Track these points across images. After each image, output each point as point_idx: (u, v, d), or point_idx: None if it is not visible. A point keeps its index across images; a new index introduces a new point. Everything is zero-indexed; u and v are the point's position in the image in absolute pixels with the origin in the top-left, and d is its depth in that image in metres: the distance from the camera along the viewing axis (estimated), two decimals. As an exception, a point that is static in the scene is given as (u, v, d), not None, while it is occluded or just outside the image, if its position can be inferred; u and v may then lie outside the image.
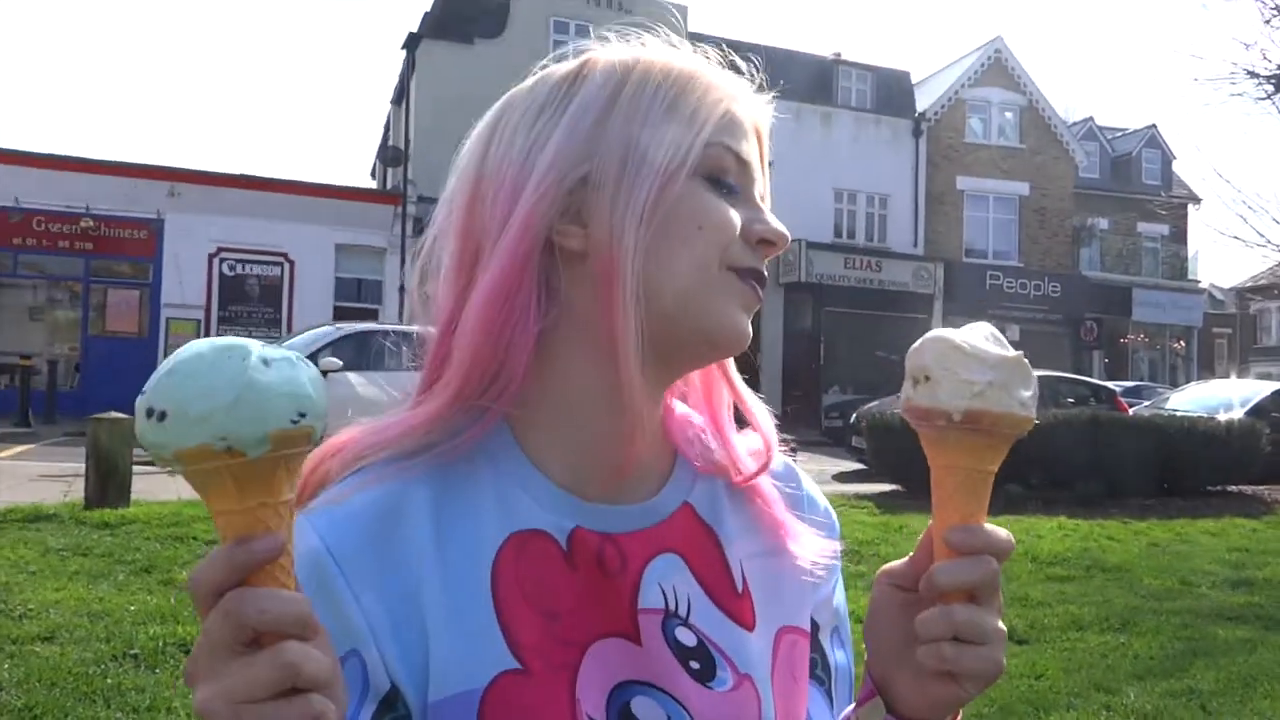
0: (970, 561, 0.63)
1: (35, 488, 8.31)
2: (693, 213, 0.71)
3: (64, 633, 4.38)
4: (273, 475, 0.52)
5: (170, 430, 0.49)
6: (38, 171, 18.32)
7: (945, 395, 0.62)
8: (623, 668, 0.70)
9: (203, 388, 0.49)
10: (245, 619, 0.49)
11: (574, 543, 0.72)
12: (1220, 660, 5.11)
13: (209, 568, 0.51)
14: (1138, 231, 30.79)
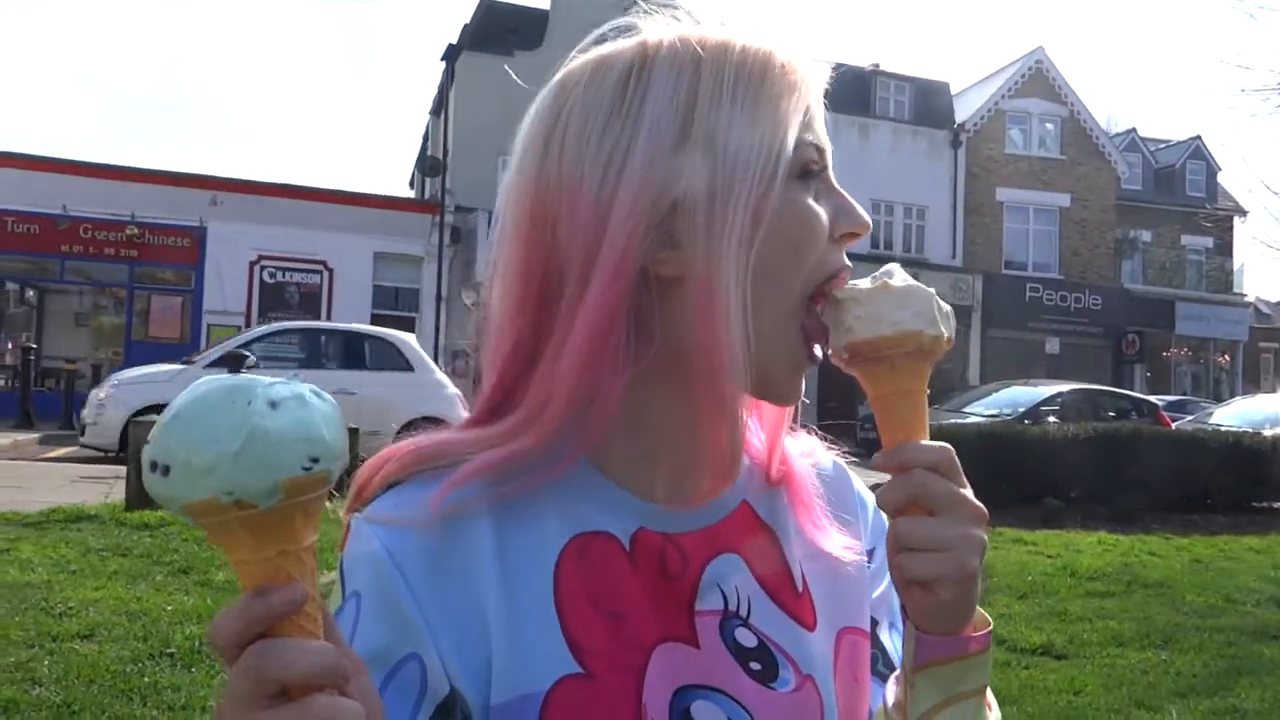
0: (898, 480, 0.64)
1: (77, 489, 8.44)
2: (796, 221, 0.68)
3: (103, 631, 4.43)
4: (290, 523, 0.49)
5: (174, 485, 0.47)
6: (84, 180, 18.69)
7: (833, 340, 0.67)
8: (682, 672, 0.69)
9: (204, 438, 0.46)
10: (268, 674, 0.47)
11: (636, 544, 0.71)
12: (1265, 679, 4.99)
13: (227, 620, 0.48)
14: (1181, 244, 30.31)
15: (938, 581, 0.63)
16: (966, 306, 25.10)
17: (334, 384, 11.36)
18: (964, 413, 14.40)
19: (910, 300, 0.66)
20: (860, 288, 0.68)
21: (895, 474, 0.65)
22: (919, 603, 0.65)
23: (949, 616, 0.66)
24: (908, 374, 0.66)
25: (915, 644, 0.67)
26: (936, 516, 0.64)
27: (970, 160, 26.53)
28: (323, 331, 12.88)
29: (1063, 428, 11.72)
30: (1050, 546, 8.44)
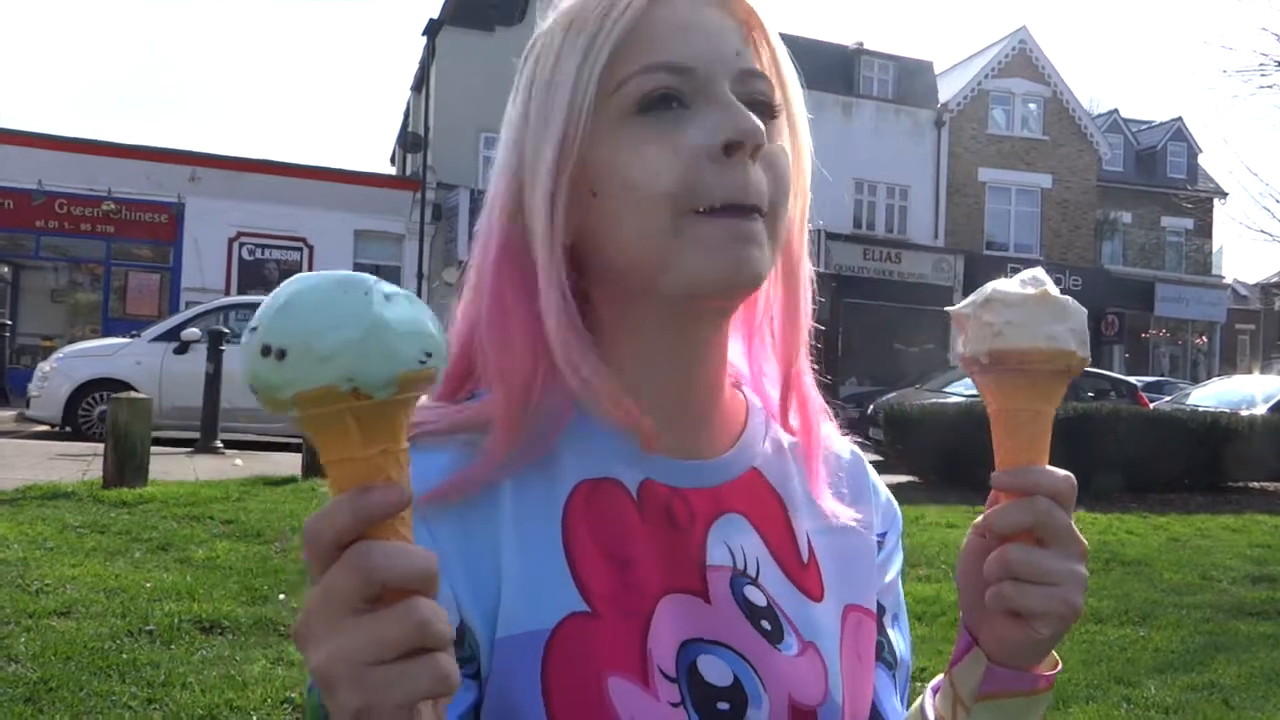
0: (1019, 504, 0.62)
1: (54, 466, 8.36)
2: (615, 170, 0.66)
3: (80, 608, 4.39)
4: (395, 420, 0.48)
5: (291, 369, 0.45)
6: (60, 154, 18.44)
7: (972, 341, 0.63)
8: (690, 625, 0.68)
9: (327, 323, 0.45)
10: (375, 574, 0.45)
11: (644, 493, 0.70)
12: (1242, 655, 5.05)
13: (331, 516, 0.47)
14: (1161, 225, 30.49)
15: (1042, 617, 0.62)
16: (948, 287, 25.17)
17: None
18: (946, 392, 14.46)
19: (1068, 315, 0.63)
20: (1012, 291, 0.63)
21: (1016, 496, 0.62)
22: (1006, 634, 0.64)
23: (1031, 652, 0.65)
24: (1046, 393, 0.64)
25: (984, 672, 0.65)
26: (1048, 548, 0.62)
27: (953, 140, 26.54)
28: None
29: (1043, 407, 11.78)
30: (1030, 525, 8.50)
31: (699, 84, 0.67)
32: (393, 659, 0.46)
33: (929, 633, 5.21)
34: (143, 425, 7.51)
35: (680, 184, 0.65)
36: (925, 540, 7.47)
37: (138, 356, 11.00)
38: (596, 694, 0.64)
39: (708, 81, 0.67)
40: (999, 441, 0.64)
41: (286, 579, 5.08)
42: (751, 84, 0.69)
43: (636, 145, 0.66)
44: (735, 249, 0.65)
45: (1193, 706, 4.23)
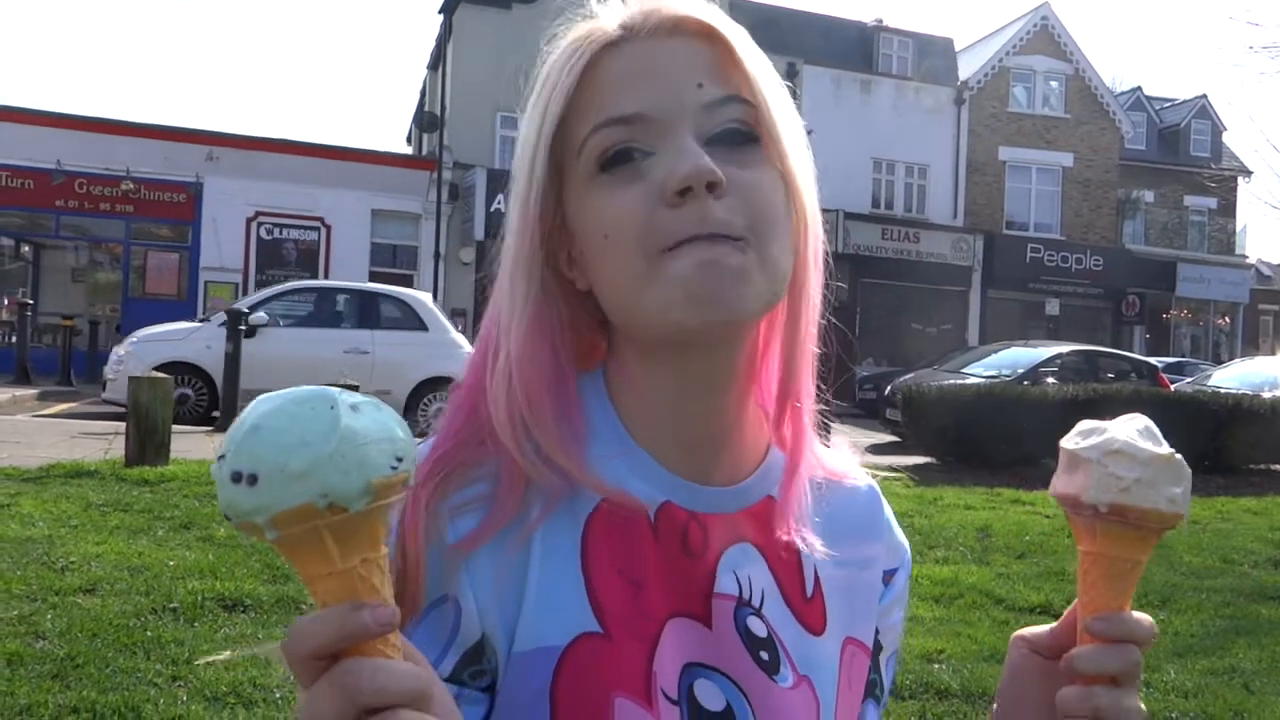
0: (1112, 650, 0.66)
1: (76, 444, 8.44)
2: (592, 226, 0.69)
3: (105, 585, 4.44)
4: (373, 528, 0.48)
5: (264, 494, 0.45)
6: (79, 134, 18.52)
7: (1094, 489, 0.65)
8: (692, 649, 0.70)
9: (297, 440, 0.45)
10: (361, 697, 0.46)
11: (661, 516, 0.71)
12: (1263, 639, 5.02)
13: (316, 630, 0.46)
14: (1184, 204, 30.15)
15: None
16: (967, 267, 25.02)
17: (348, 343, 11.49)
18: (963, 374, 14.40)
19: (1182, 478, 0.66)
20: (1141, 447, 0.65)
21: (1109, 643, 0.66)
22: None
23: None
24: (1147, 547, 0.67)
25: None
26: (1122, 688, 0.66)
27: (973, 118, 26.29)
28: (337, 290, 12.86)
29: (1062, 389, 11.72)
30: (1048, 506, 8.47)
31: (656, 128, 0.67)
32: None
33: (946, 614, 5.21)
34: (164, 405, 7.57)
35: (644, 228, 0.66)
36: (943, 522, 7.46)
37: (207, 340, 11.30)
38: (603, 713, 0.65)
39: (664, 125, 0.67)
40: (1093, 583, 0.67)
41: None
42: (719, 114, 0.68)
43: (603, 201, 0.68)
44: (706, 280, 0.65)
45: (1212, 691, 4.22)
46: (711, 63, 0.69)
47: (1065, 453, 0.68)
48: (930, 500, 8.36)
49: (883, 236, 23.94)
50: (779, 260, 0.69)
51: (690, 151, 0.65)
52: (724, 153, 0.67)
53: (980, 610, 5.32)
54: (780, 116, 0.70)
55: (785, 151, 0.70)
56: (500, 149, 21.65)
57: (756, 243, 0.67)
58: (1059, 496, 0.68)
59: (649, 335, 0.70)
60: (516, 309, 0.70)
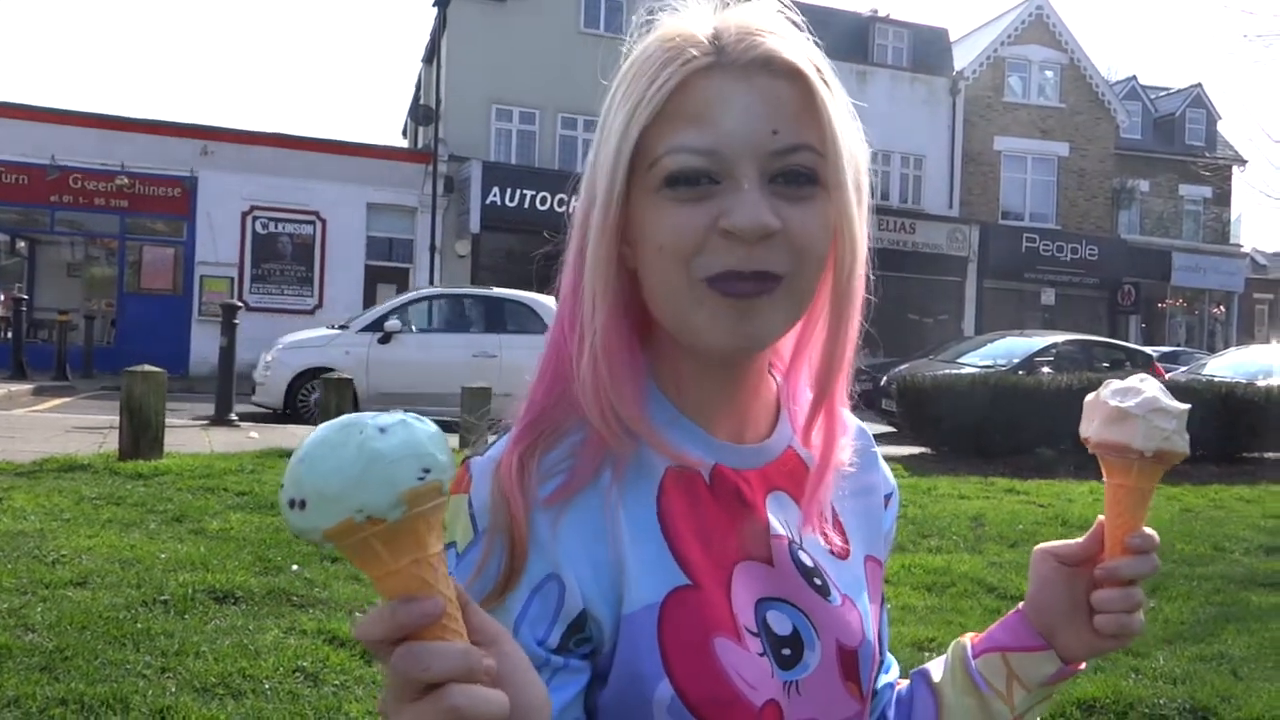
0: (1146, 560, 0.84)
1: (70, 439, 8.44)
2: (649, 235, 0.76)
3: (96, 578, 4.45)
4: (416, 532, 0.54)
5: (312, 515, 0.53)
6: (74, 129, 18.49)
7: (1143, 437, 0.81)
8: (761, 586, 0.80)
9: (329, 470, 0.53)
10: (410, 676, 0.53)
11: (715, 477, 0.81)
12: (1252, 626, 5.04)
13: (372, 625, 0.54)
14: (1179, 194, 30.14)
15: (1131, 637, 0.86)
16: (962, 257, 25.01)
17: (476, 347, 11.89)
18: (959, 363, 14.41)
19: (1184, 423, 0.83)
20: (1172, 404, 0.82)
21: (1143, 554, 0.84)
22: (1093, 644, 0.87)
23: (1099, 655, 0.89)
24: (1159, 478, 0.85)
25: (1058, 670, 0.88)
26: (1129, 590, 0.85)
27: (969, 109, 26.25)
28: (466, 297, 13.37)
29: (1057, 378, 11.72)
30: (1042, 496, 8.49)
31: (725, 164, 0.73)
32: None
33: (939, 603, 5.23)
34: (157, 398, 7.57)
35: (693, 251, 0.74)
36: (938, 511, 7.47)
37: (346, 346, 11.79)
38: (707, 653, 0.75)
39: (733, 164, 0.73)
40: (1127, 509, 0.84)
41: (300, 550, 5.13)
42: (787, 159, 0.75)
43: (662, 215, 0.75)
44: (738, 324, 0.75)
45: (1201, 677, 4.23)
46: (791, 107, 0.75)
47: (1110, 408, 0.82)
48: (925, 490, 8.37)
49: (879, 227, 23.47)
50: (809, 290, 0.79)
51: (752, 203, 0.73)
52: (784, 189, 0.75)
53: (972, 599, 5.33)
54: (846, 161, 0.77)
55: (845, 195, 0.77)
56: (496, 141, 21.62)
57: (792, 279, 0.75)
58: (1106, 443, 0.82)
59: (689, 343, 0.78)
60: (599, 301, 0.77)
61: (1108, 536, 0.85)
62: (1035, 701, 0.89)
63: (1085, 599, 0.86)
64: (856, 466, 0.92)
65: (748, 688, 0.76)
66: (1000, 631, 0.91)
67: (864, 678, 0.84)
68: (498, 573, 0.72)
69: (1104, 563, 0.84)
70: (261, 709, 3.24)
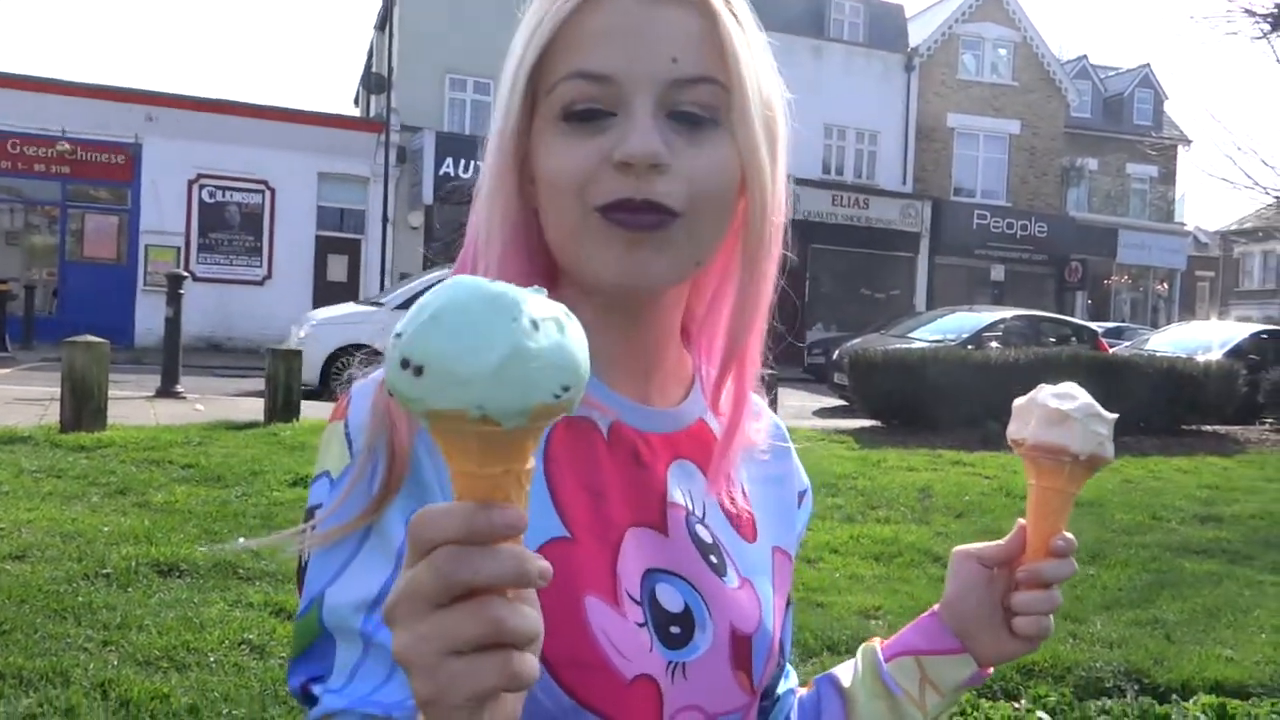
0: (1068, 563, 0.84)
1: (10, 411, 8.25)
2: (543, 168, 0.73)
3: (35, 551, 4.36)
4: (522, 445, 0.48)
5: (426, 388, 0.45)
6: (11, 93, 17.91)
7: (1079, 440, 0.81)
8: (652, 556, 0.75)
9: (467, 347, 0.45)
10: (457, 578, 0.47)
11: (613, 433, 0.77)
12: (1186, 592, 5.20)
13: (444, 520, 0.47)
14: (1127, 172, 30.65)
15: (1044, 639, 0.85)
16: (915, 233, 25.23)
17: None
18: (909, 338, 14.58)
19: (1112, 431, 0.83)
20: (1106, 413, 0.82)
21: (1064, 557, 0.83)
22: (1008, 649, 0.86)
23: (1013, 659, 0.88)
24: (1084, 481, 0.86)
25: (973, 673, 0.87)
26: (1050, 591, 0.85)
27: (923, 85, 26.39)
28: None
29: (1004, 353, 11.92)
30: (988, 468, 8.65)
31: (621, 93, 0.70)
32: (467, 651, 0.47)
33: (886, 571, 5.32)
34: (100, 369, 7.41)
35: (584, 182, 0.70)
36: (886, 483, 7.58)
37: (383, 324, 11.59)
38: (575, 610, 0.69)
39: (627, 93, 0.70)
40: (1052, 511, 0.84)
41: (246, 523, 5.08)
42: (686, 92, 0.70)
43: (556, 147, 0.72)
44: (627, 254, 0.71)
45: (1136, 640, 4.36)
46: (693, 36, 0.71)
47: (1050, 409, 0.82)
48: (874, 462, 8.48)
49: (833, 203, 24.01)
50: (710, 235, 0.74)
51: (643, 130, 0.69)
52: (683, 130, 0.71)
53: (919, 568, 5.43)
54: (752, 99, 0.72)
55: (751, 135, 0.72)
56: (449, 111, 21.34)
57: (689, 220, 0.71)
58: (1043, 445, 0.82)
59: (582, 279, 0.74)
60: (494, 229, 0.74)
61: (1031, 539, 0.84)
62: (946, 705, 0.87)
63: (1002, 602, 0.85)
64: (769, 456, 0.88)
65: (618, 655, 0.70)
66: (913, 635, 0.88)
67: (756, 668, 0.79)
68: (372, 487, 0.66)
69: (1026, 565, 0.84)
70: (206, 681, 3.22)
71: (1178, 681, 3.93)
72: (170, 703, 3.03)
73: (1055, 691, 3.69)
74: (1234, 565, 5.83)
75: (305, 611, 0.67)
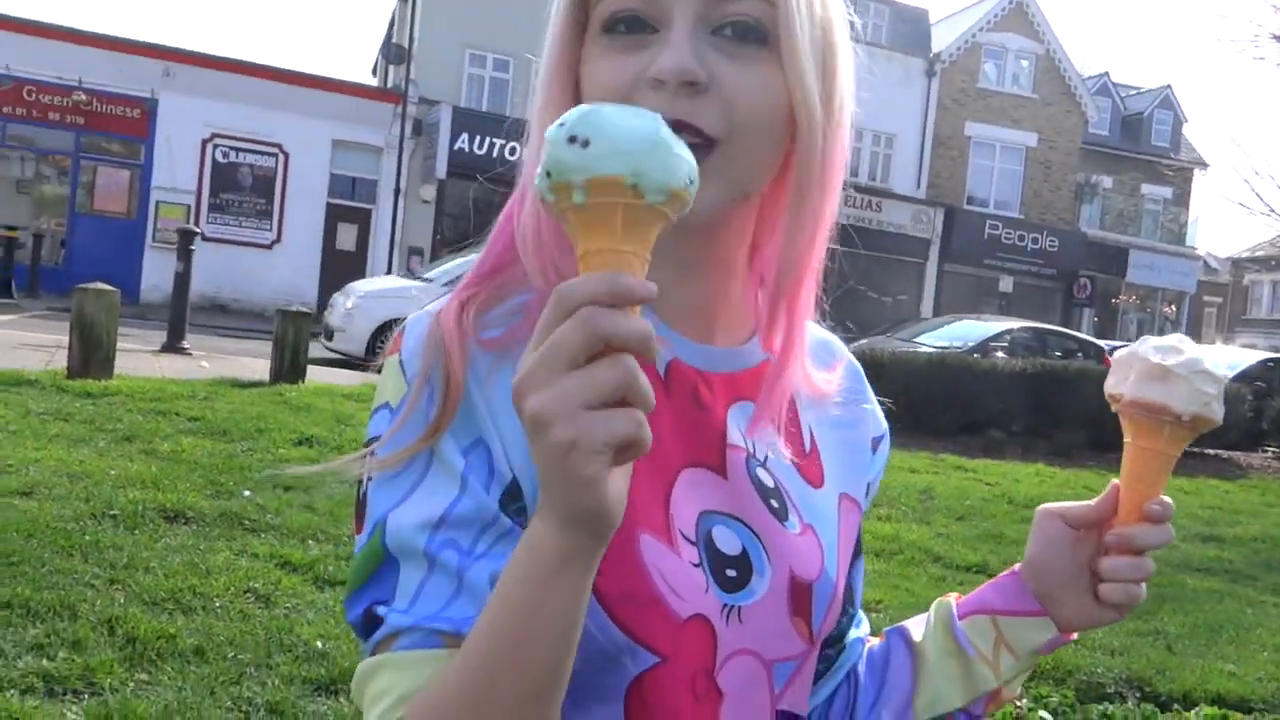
0: (1163, 529, 0.78)
1: (16, 355, 8.22)
2: (586, 85, 0.71)
3: (43, 489, 4.35)
4: (651, 228, 0.54)
5: (591, 156, 0.52)
6: (29, 39, 17.83)
7: (1182, 399, 0.75)
8: (708, 497, 0.73)
9: (627, 128, 0.53)
10: (602, 329, 0.50)
11: (671, 372, 0.74)
12: (1188, 607, 5.20)
13: (588, 282, 0.51)
14: (1141, 192, 30.58)
15: (1133, 607, 0.80)
16: (925, 239, 25.20)
17: None
18: (916, 343, 14.56)
19: (1223, 390, 0.78)
20: (1217, 369, 0.77)
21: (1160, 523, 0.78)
22: (1094, 616, 0.81)
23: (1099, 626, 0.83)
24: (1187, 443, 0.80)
25: (1052, 638, 0.82)
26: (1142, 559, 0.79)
27: (943, 91, 26.33)
28: None
29: (1010, 362, 11.91)
30: (990, 475, 8.65)
31: (660, 9, 0.67)
32: (600, 405, 0.51)
33: (887, 568, 5.31)
34: (109, 317, 7.39)
35: (622, 100, 0.66)
36: (888, 482, 7.56)
37: (432, 298, 11.65)
38: (629, 545, 0.67)
39: (667, 6, 0.67)
40: (1150, 473, 0.78)
41: (251, 477, 5.06)
42: (727, 6, 0.67)
43: (598, 63, 0.69)
44: None
45: (1138, 650, 4.36)
46: None
47: (1151, 364, 0.76)
48: (877, 461, 8.48)
49: (844, 203, 23.62)
50: (754, 164, 0.69)
51: (677, 45, 0.65)
52: (726, 46, 0.67)
53: (919, 566, 5.43)
54: (800, 16, 0.68)
55: (797, 55, 0.68)
56: (468, 86, 21.27)
57: (727, 146, 0.67)
58: (1141, 402, 0.76)
59: None
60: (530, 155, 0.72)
61: (1123, 501, 0.79)
62: (1021, 669, 0.83)
63: (1089, 565, 0.80)
64: (843, 399, 0.85)
65: (671, 594, 0.68)
66: (991, 593, 0.84)
67: (816, 616, 0.76)
68: (430, 410, 0.66)
69: (1117, 528, 0.78)
70: (212, 625, 3.20)
71: (1179, 691, 3.92)
72: (176, 643, 3.01)
73: (1057, 693, 3.69)
74: (1235, 584, 5.83)
75: (366, 539, 0.66)
